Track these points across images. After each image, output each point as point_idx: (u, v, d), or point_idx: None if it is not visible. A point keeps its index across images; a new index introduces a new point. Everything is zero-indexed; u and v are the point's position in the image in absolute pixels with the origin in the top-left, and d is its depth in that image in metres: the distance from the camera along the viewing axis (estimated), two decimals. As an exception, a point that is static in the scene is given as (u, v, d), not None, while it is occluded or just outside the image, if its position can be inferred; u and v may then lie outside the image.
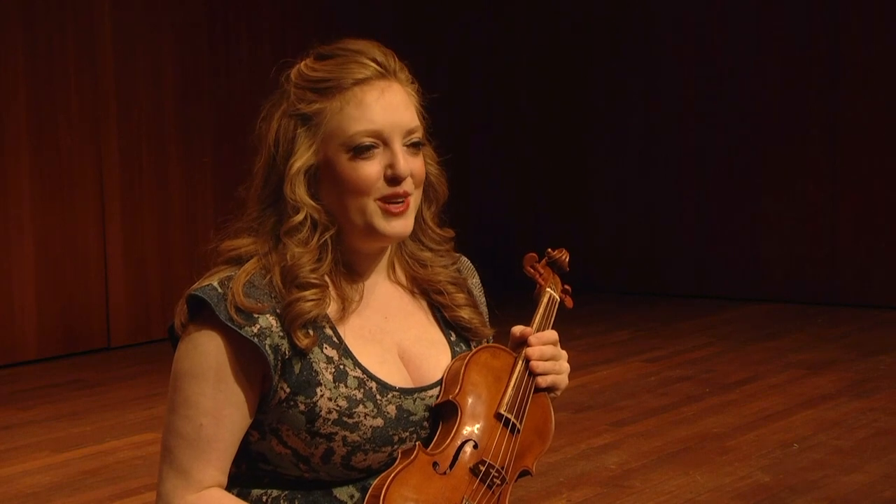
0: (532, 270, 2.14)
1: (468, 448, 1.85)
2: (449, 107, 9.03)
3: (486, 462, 1.84)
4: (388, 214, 1.89)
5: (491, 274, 2.42)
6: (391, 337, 1.96)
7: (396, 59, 1.94)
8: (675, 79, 8.80)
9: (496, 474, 1.84)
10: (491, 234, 9.52)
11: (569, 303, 2.15)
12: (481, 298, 2.12)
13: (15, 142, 6.86)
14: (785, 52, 8.36)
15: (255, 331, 1.83)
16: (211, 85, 7.73)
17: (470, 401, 1.88)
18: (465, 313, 2.02)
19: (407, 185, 1.90)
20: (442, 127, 2.10)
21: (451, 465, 1.82)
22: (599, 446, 4.97)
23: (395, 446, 1.87)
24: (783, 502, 4.21)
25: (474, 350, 1.95)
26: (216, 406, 1.83)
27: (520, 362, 1.95)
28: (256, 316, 1.83)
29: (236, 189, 1.97)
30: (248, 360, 1.84)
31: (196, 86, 7.67)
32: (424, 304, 2.03)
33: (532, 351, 1.97)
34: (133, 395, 6.12)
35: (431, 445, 1.86)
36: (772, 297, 8.48)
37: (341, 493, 1.89)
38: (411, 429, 1.89)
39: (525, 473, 1.93)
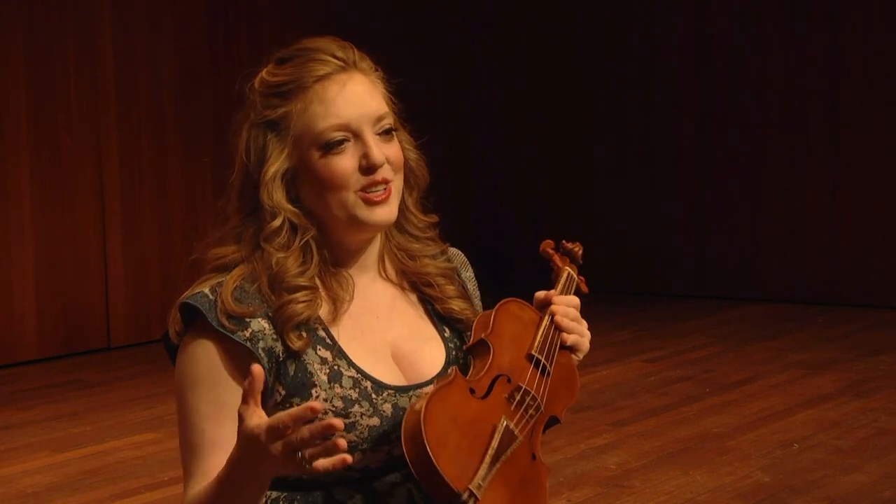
0: (550, 251, 2.20)
1: (502, 380, 1.87)
2: (449, 106, 9.06)
3: (521, 388, 1.87)
4: (370, 204, 1.88)
5: (491, 273, 2.42)
6: (383, 335, 1.95)
7: (356, 50, 1.94)
8: (676, 78, 8.80)
9: (531, 401, 1.87)
10: (491, 233, 9.52)
11: (584, 287, 2.19)
12: (475, 292, 2.12)
13: (15, 142, 6.86)
14: (785, 52, 8.36)
15: (248, 335, 1.83)
16: (211, 85, 7.73)
17: (502, 341, 1.92)
18: (456, 304, 2.02)
19: (385, 172, 1.89)
20: (442, 126, 2.10)
21: (487, 394, 1.84)
22: (599, 446, 4.97)
23: (393, 445, 1.87)
24: (783, 502, 4.21)
25: (502, 301, 1.98)
26: (216, 409, 1.83)
27: (546, 317, 1.99)
28: (248, 320, 1.84)
29: (221, 197, 1.97)
30: (242, 363, 1.83)
31: (196, 86, 7.67)
32: (415, 299, 2.03)
33: (557, 308, 2.00)
34: (133, 395, 6.12)
35: (467, 375, 1.88)
36: (772, 297, 8.47)
37: (340, 493, 1.89)
38: (408, 428, 1.89)
39: (554, 421, 1.95)
